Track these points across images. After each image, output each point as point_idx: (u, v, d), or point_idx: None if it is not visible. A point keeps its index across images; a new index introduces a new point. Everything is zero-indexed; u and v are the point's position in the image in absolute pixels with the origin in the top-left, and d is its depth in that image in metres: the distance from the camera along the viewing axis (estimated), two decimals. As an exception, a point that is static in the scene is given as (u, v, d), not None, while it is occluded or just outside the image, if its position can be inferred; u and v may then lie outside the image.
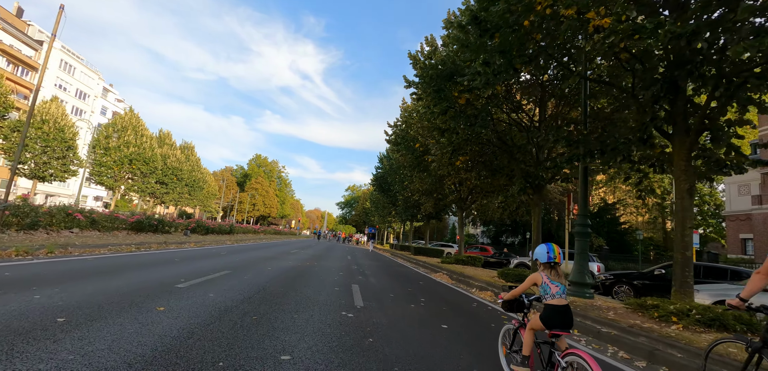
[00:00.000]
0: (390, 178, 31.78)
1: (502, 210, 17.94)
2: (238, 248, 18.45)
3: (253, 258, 14.00)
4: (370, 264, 17.54)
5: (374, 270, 14.60)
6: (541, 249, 3.24)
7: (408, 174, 23.12)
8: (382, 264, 19.21)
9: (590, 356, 2.70)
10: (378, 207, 47.26)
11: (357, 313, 6.04)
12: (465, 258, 19.62)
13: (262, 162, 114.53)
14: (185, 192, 55.92)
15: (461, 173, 15.59)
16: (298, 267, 12.19)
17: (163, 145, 49.91)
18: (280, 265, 12.25)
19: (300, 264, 13.65)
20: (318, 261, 15.68)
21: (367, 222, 71.12)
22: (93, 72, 74.80)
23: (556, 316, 3.08)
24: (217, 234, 25.92)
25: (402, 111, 21.24)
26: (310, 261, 15.57)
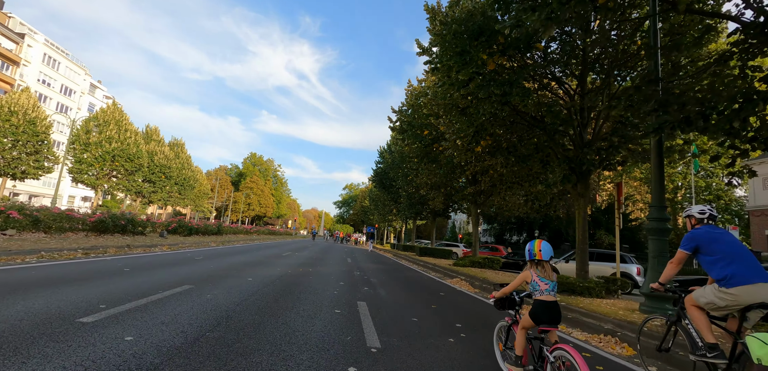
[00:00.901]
0: (392, 172, 29.35)
1: (529, 205, 15.38)
2: (220, 251, 15.94)
3: (233, 264, 11.52)
4: (375, 269, 15.10)
5: (380, 277, 12.16)
6: (529, 247, 3.37)
7: (414, 166, 20.69)
8: (387, 267, 16.79)
9: (576, 351, 2.80)
10: (378, 206, 44.78)
11: (374, 365, 3.60)
12: (482, 260, 17.21)
13: (257, 160, 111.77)
14: (175, 192, 53.23)
15: (483, 160, 13.14)
16: (287, 277, 9.72)
17: (149, 142, 47.21)
18: (265, 274, 9.78)
19: (290, 271, 11.18)
20: (313, 267, 13.22)
21: (366, 221, 68.63)
22: (79, 67, 71.83)
23: (545, 312, 3.20)
24: (203, 235, 23.39)
25: (408, 95, 18.81)
26: (304, 266, 13.11)
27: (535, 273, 3.29)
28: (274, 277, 9.33)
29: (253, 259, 13.63)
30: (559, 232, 47.66)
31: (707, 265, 3.61)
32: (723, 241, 3.56)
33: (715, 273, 3.50)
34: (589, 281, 9.69)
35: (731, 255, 3.46)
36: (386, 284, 10.53)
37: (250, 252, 17.39)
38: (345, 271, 12.86)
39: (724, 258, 3.47)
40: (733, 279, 3.35)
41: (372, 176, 37.31)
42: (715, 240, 3.59)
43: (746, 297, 3.32)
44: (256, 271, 10.16)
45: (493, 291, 4.75)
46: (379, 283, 10.55)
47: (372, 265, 17.14)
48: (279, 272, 10.52)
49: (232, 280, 8.03)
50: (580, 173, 10.28)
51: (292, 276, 9.98)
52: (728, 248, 3.51)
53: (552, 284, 3.24)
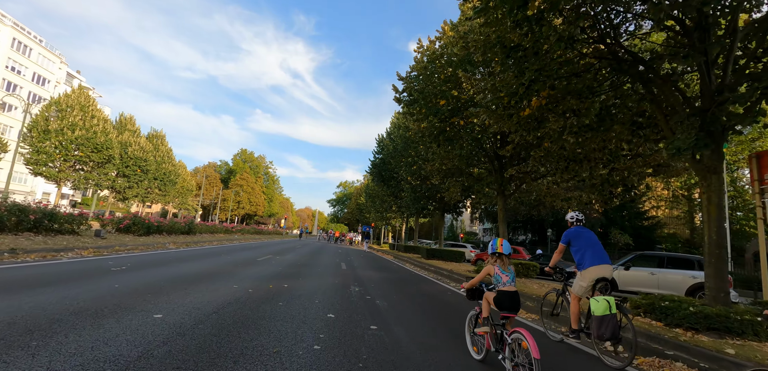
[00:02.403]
0: (393, 161, 25.39)
1: (598, 191, 11.11)
2: (166, 257, 11.89)
3: (161, 280, 7.49)
4: (378, 280, 11.16)
5: (389, 294, 8.21)
6: (492, 243, 3.99)
7: (423, 150, 16.78)
8: (394, 277, 12.85)
9: (529, 332, 3.23)
10: (375, 202, 40.83)
11: None
12: (516, 266, 13.33)
13: (248, 157, 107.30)
14: (154, 188, 48.81)
15: (535, 128, 9.24)
16: (236, 306, 5.74)
17: (123, 131, 42.78)
18: (199, 302, 5.79)
19: (251, 291, 7.19)
20: (291, 281, 9.24)
21: (361, 220, 64.55)
22: (54, 55, 67.00)
23: (507, 300, 3.73)
24: (167, 235, 19.28)
25: (419, 59, 14.85)
26: (278, 280, 9.13)
27: (498, 267, 3.87)
28: (214, 308, 5.33)
29: (205, 269, 9.60)
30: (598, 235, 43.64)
31: (573, 253, 5.13)
32: (583, 237, 5.14)
33: (577, 258, 5.08)
34: (737, 310, 5.84)
35: (586, 247, 5.02)
36: (402, 311, 6.59)
37: (212, 257, 13.34)
38: (337, 287, 8.88)
39: (581, 249, 5.03)
40: (584, 263, 4.95)
41: (369, 168, 33.36)
42: (579, 236, 5.16)
43: (594, 274, 4.88)
44: (189, 294, 6.16)
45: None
46: (391, 309, 6.61)
47: (373, 274, 13.20)
48: (229, 295, 6.52)
49: (107, 323, 4.06)
50: (712, 134, 6.41)
51: (246, 304, 5.98)
52: (585, 242, 5.08)
53: (512, 274, 3.85)
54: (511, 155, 13.51)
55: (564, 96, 8.37)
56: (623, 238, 42.42)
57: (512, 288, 3.76)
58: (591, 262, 4.89)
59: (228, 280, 8.10)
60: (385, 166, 29.65)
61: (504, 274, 3.79)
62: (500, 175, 14.55)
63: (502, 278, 3.79)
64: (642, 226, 45.27)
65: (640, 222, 45.42)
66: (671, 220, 50.20)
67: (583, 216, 5.43)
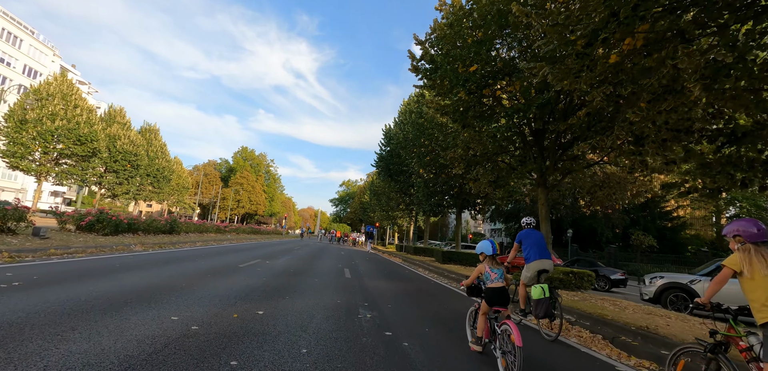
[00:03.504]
0: (403, 152, 22.50)
1: (722, 173, 7.95)
2: (116, 264, 9.13)
3: (80, 300, 4.69)
4: (394, 296, 8.30)
5: (420, 327, 5.29)
6: (486, 245, 4.44)
7: (444, 134, 13.95)
8: (412, 289, 9.99)
9: (514, 324, 3.69)
10: (380, 199, 37.96)
11: None
12: (566, 275, 10.48)
13: (249, 155, 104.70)
14: (147, 184, 46.19)
15: (624, 81, 6.38)
16: (167, 360, 2.88)
17: (112, 124, 40.13)
18: (92, 357, 2.93)
19: (212, 321, 4.37)
20: (277, 299, 6.41)
21: (364, 219, 61.68)
22: (47, 47, 64.54)
23: (495, 296, 4.17)
24: (144, 234, 16.54)
25: (442, 19, 11.94)
26: (259, 298, 6.30)
27: (488, 266, 4.31)
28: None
29: (150, 284, 6.76)
30: (592, 232, 40.95)
31: (523, 250, 6.21)
32: (531, 237, 6.20)
33: (525, 254, 6.16)
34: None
35: (532, 246, 6.11)
36: (448, 360, 3.79)
37: (180, 263, 10.53)
38: (340, 313, 6.03)
39: (529, 247, 6.13)
40: (530, 258, 6.08)
41: (375, 161, 30.45)
42: (528, 237, 6.23)
43: (537, 267, 6.03)
44: (66, 340, 3.33)
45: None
46: (430, 355, 3.79)
47: (385, 285, 10.34)
48: (150, 337, 3.68)
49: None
50: None
51: (166, 363, 3.13)
52: (532, 241, 6.16)
53: (499, 272, 4.27)
54: (559, 135, 10.65)
55: (664, 36, 5.51)
56: (647, 240, 39.27)
57: (500, 284, 4.20)
58: (535, 257, 6.05)
59: (173, 303, 5.26)
60: (393, 159, 26.78)
61: (492, 272, 4.25)
62: (542, 161, 11.65)
63: (490, 276, 4.25)
64: (666, 227, 42.12)
65: (665, 223, 42.27)
66: (696, 221, 47.02)
67: (533, 220, 6.44)
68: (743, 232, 2.86)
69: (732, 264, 2.79)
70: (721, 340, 3.05)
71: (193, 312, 4.90)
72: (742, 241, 2.85)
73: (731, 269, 2.78)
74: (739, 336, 2.91)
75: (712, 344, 3.08)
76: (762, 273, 2.60)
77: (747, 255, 2.72)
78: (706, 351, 3.09)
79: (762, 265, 2.64)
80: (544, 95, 9.19)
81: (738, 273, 2.77)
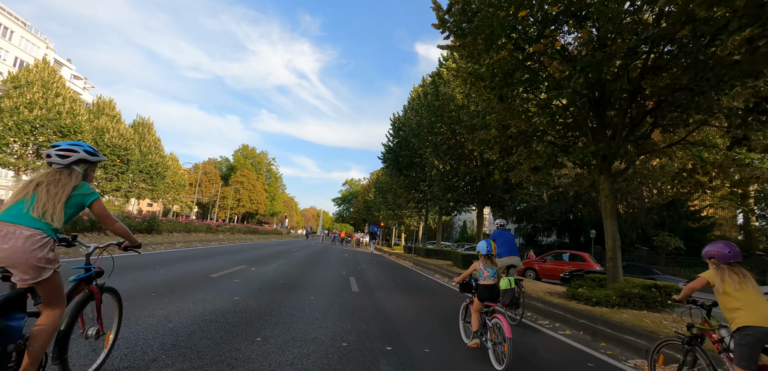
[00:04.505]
0: (415, 141, 19.71)
1: None
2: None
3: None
4: (424, 325, 5.55)
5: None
6: (482, 245, 4.70)
7: (476, 110, 11.29)
8: (446, 310, 7.22)
9: (504, 317, 3.99)
10: (387, 197, 35.23)
11: None
12: (643, 290, 7.77)
13: (250, 153, 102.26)
14: (139, 181, 43.68)
15: None
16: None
17: (100, 116, 37.61)
18: None
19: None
20: (241, 340, 3.67)
21: (368, 219, 58.93)
22: (39, 39, 62.38)
23: (486, 292, 4.44)
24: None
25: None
26: (211, 344, 3.56)
27: (482, 264, 4.59)
28: None
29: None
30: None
31: (497, 249, 6.83)
32: (503, 237, 7.28)
33: (498, 252, 6.96)
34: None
35: (503, 244, 7.13)
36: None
37: (136, 271, 7.89)
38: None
39: (500, 246, 7.06)
40: (501, 254, 7.00)
41: (382, 155, 27.70)
42: (500, 236, 7.32)
43: (505, 262, 6.98)
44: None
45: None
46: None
47: (404, 301, 7.58)
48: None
49: None
50: None
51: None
52: (503, 240, 7.21)
53: (493, 271, 4.55)
54: (632, 104, 7.89)
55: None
56: (673, 241, 36.24)
57: (491, 281, 4.48)
58: (505, 254, 7.06)
59: None
60: (403, 151, 24.07)
61: (486, 270, 4.54)
62: (610, 139, 8.89)
63: (483, 273, 4.53)
64: (693, 228, 39.07)
65: (692, 224, 39.22)
66: (724, 221, 43.92)
67: (505, 221, 7.95)
68: (717, 255, 3.28)
69: (707, 276, 3.23)
70: (696, 333, 3.41)
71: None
72: (716, 263, 3.27)
73: (706, 279, 3.23)
74: (712, 330, 3.32)
75: (688, 337, 3.42)
76: (733, 288, 3.02)
77: (720, 273, 3.14)
78: (684, 344, 3.44)
79: (733, 281, 3.06)
80: (642, 36, 6.39)
81: (712, 285, 3.19)
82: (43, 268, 2.05)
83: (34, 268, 2.01)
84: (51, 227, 2.13)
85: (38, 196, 2.13)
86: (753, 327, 2.87)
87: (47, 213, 2.12)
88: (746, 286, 3.02)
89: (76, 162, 2.37)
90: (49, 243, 2.10)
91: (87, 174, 2.49)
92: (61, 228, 2.24)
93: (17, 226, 2.02)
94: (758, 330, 2.85)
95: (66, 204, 2.23)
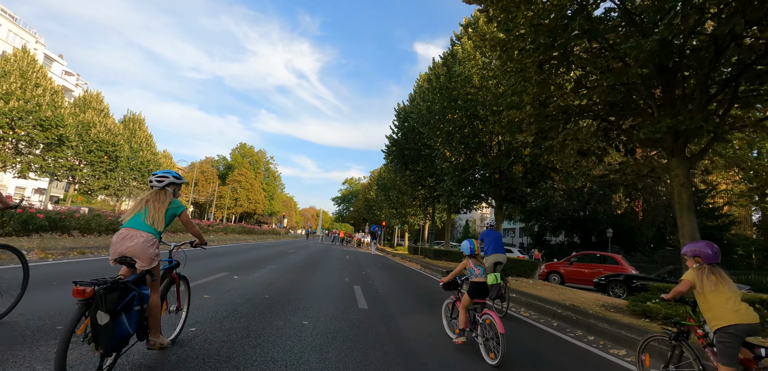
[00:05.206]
0: (425, 129, 17.69)
1: None
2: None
3: None
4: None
5: None
6: (465, 245, 4.86)
7: (513, 78, 9.38)
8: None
9: (495, 314, 4.17)
10: (390, 195, 33.21)
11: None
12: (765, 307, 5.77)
13: (247, 152, 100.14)
14: (130, 178, 41.64)
15: None
16: None
17: (86, 110, 35.56)
18: None
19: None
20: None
21: (368, 218, 56.89)
22: (29, 34, 60.18)
23: (477, 289, 4.55)
24: (81, 234, 11.96)
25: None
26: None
27: (472, 263, 4.71)
28: None
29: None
30: (630, 233, 35.90)
31: (484, 246, 7.70)
32: (491, 236, 7.76)
33: (485, 250, 7.68)
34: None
35: (490, 243, 7.67)
36: None
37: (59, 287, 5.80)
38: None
39: (488, 244, 7.66)
40: (488, 252, 7.58)
41: (386, 149, 25.68)
42: (488, 235, 7.80)
43: (492, 259, 7.46)
44: None
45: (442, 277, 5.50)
46: None
47: (437, 325, 5.59)
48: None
49: None
50: None
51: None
52: (491, 238, 7.72)
53: (482, 269, 4.68)
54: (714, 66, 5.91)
55: None
56: (692, 241, 34.38)
57: (482, 279, 4.61)
58: (491, 252, 7.57)
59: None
60: (409, 142, 22.08)
61: (476, 268, 4.66)
62: (692, 112, 6.91)
63: (474, 271, 4.65)
64: (712, 227, 37.07)
65: (710, 222, 37.23)
66: (742, 220, 41.93)
67: (494, 222, 8.37)
68: (701, 253, 3.35)
69: (689, 277, 3.32)
70: (683, 329, 3.56)
71: None
72: (699, 261, 3.35)
73: (690, 281, 3.30)
74: (698, 325, 3.45)
75: (675, 332, 3.57)
76: (710, 290, 3.12)
77: (700, 273, 3.22)
78: (671, 339, 3.59)
79: (711, 283, 3.15)
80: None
81: (693, 286, 3.28)
82: (153, 259, 3.03)
83: (148, 259, 2.99)
84: (157, 231, 3.11)
85: (148, 210, 3.13)
86: (729, 327, 2.99)
87: (155, 222, 3.12)
88: (722, 287, 3.12)
89: (168, 184, 3.32)
90: (156, 242, 3.09)
91: (175, 192, 3.43)
92: (163, 232, 3.18)
93: (137, 231, 3.02)
94: (736, 327, 2.98)
95: (165, 214, 3.19)
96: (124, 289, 2.63)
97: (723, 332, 3.01)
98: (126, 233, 2.97)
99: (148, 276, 3.03)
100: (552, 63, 7.93)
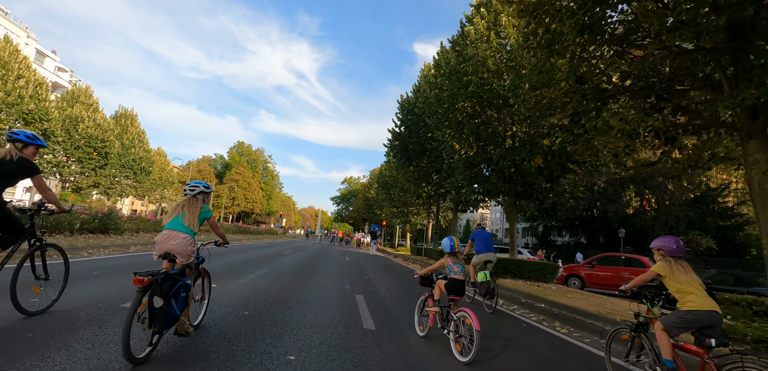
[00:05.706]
0: (432, 120, 16.25)
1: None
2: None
3: None
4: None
5: None
6: (445, 242, 4.90)
7: (541, 53, 7.93)
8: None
9: (471, 310, 4.15)
10: (391, 192, 31.78)
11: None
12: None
13: (245, 150, 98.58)
14: (121, 176, 40.15)
15: None
16: None
17: (74, 104, 34.06)
18: None
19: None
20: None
21: (368, 218, 55.47)
22: (20, 29, 58.49)
23: (455, 286, 4.58)
24: (59, 234, 10.52)
25: None
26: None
27: (451, 261, 4.79)
28: None
29: None
30: (641, 233, 34.47)
31: (475, 245, 8.11)
32: (481, 236, 8.13)
33: (476, 249, 8.06)
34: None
35: (481, 242, 8.03)
36: None
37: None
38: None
39: (478, 244, 8.03)
40: (479, 251, 7.93)
41: (389, 143, 24.24)
42: (479, 235, 8.17)
43: (482, 258, 7.81)
44: None
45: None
46: None
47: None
48: None
49: None
50: None
51: None
52: (481, 238, 8.09)
53: (461, 267, 4.76)
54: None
55: None
56: (705, 241, 32.97)
57: (460, 277, 4.66)
58: (483, 251, 7.91)
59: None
60: (413, 134, 20.67)
61: (455, 266, 4.74)
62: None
63: (453, 269, 4.72)
64: (724, 226, 35.73)
65: (723, 221, 35.88)
66: (753, 220, 40.61)
67: (485, 222, 9.15)
68: (665, 248, 3.60)
69: (658, 269, 3.50)
70: (642, 321, 3.78)
71: None
72: (663, 254, 3.59)
73: (656, 272, 3.51)
74: (656, 318, 3.60)
75: (635, 324, 3.81)
76: (683, 278, 3.34)
77: (669, 264, 3.43)
78: (631, 331, 3.83)
79: (681, 272, 3.39)
80: None
81: (662, 276, 3.46)
82: (190, 256, 3.61)
83: (187, 255, 3.56)
84: (193, 232, 3.67)
85: (185, 214, 3.68)
86: (698, 311, 3.19)
87: (191, 224, 3.68)
88: (692, 276, 3.36)
89: (198, 193, 3.89)
90: (193, 242, 3.69)
91: (204, 200, 4.01)
92: (197, 232, 3.75)
93: (178, 233, 3.57)
94: (702, 313, 3.18)
95: (198, 217, 3.76)
96: (174, 279, 3.16)
97: (690, 312, 3.21)
98: (168, 234, 3.53)
99: (187, 270, 3.60)
100: (595, 26, 6.52)
